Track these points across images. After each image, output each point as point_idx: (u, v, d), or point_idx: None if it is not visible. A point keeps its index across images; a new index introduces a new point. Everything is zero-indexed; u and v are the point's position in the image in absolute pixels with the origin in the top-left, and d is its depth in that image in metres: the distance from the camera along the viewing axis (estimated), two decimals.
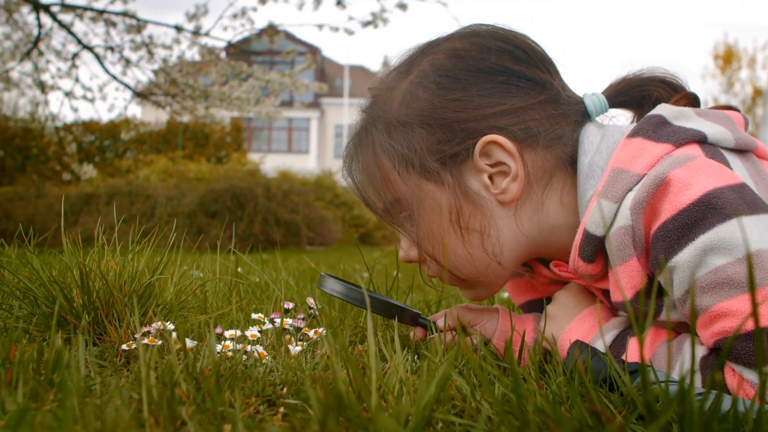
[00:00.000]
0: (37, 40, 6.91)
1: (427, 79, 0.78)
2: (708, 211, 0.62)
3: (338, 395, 0.47)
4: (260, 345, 0.81)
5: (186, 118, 7.95)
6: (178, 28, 6.69)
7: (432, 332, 0.89)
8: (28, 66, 7.68)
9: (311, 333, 0.88)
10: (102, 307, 0.90)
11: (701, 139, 0.71)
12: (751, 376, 0.61)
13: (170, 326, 0.82)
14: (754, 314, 0.41)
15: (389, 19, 6.44)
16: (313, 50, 24.77)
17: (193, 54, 7.16)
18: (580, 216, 0.76)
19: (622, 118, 0.85)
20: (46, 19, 6.90)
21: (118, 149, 15.00)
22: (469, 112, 0.76)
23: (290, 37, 20.66)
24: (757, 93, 20.56)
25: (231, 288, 1.29)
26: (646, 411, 0.46)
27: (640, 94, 0.83)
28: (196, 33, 6.74)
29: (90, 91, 7.89)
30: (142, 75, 14.27)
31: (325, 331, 0.86)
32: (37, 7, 6.40)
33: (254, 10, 6.66)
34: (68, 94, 7.76)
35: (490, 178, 0.77)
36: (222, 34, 14.65)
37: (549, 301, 0.92)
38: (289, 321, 0.92)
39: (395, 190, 0.80)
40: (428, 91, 0.77)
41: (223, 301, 1.19)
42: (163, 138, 15.09)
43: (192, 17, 6.71)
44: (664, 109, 0.75)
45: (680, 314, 0.70)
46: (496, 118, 0.76)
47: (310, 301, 1.09)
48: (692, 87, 0.83)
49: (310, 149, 27.08)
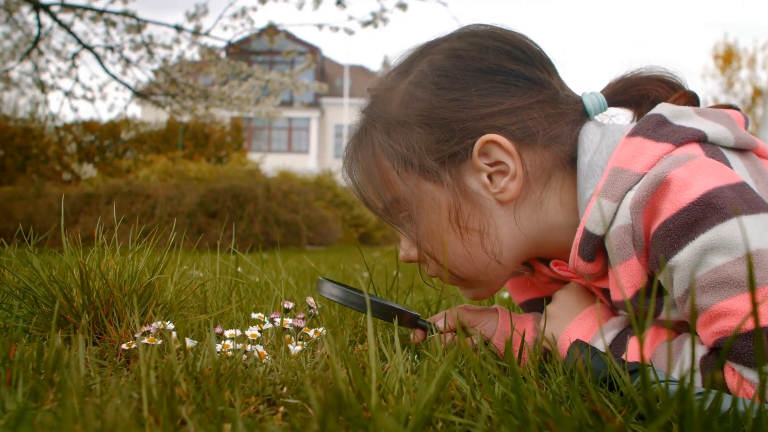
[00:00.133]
0: (37, 39, 6.91)
1: (426, 79, 0.78)
2: (708, 211, 0.62)
3: (338, 395, 0.47)
4: (260, 344, 0.81)
5: (186, 118, 7.95)
6: (178, 28, 6.69)
7: (432, 333, 0.89)
8: (28, 66, 7.69)
9: (311, 333, 0.88)
10: (102, 306, 0.90)
11: (701, 139, 0.71)
12: (751, 376, 0.61)
13: (170, 326, 0.82)
14: (754, 313, 0.41)
15: (389, 19, 6.44)
16: (313, 50, 24.78)
17: (193, 54, 7.17)
18: (579, 215, 0.76)
19: (622, 118, 0.84)
20: (46, 19, 6.91)
21: (118, 149, 14.99)
22: (468, 112, 0.76)
23: (290, 37, 20.68)
24: (757, 93, 20.55)
25: (231, 288, 1.29)
26: (646, 410, 0.46)
27: (639, 93, 0.83)
28: (196, 33, 6.74)
29: (90, 91, 7.90)
30: (142, 75, 14.29)
31: (325, 331, 0.86)
32: (37, 7, 6.40)
33: (254, 9, 6.66)
34: (68, 94, 7.77)
35: (489, 177, 0.77)
36: (222, 33, 14.69)
37: (549, 300, 0.92)
38: (289, 320, 0.92)
39: (395, 190, 0.80)
40: (427, 91, 0.77)
41: (223, 301, 1.19)
42: (163, 138, 15.08)
43: (192, 17, 6.71)
44: (664, 109, 0.75)
45: (680, 313, 0.70)
46: (494, 117, 0.76)
47: (310, 301, 1.09)
48: (692, 87, 0.83)
49: (310, 149, 27.08)
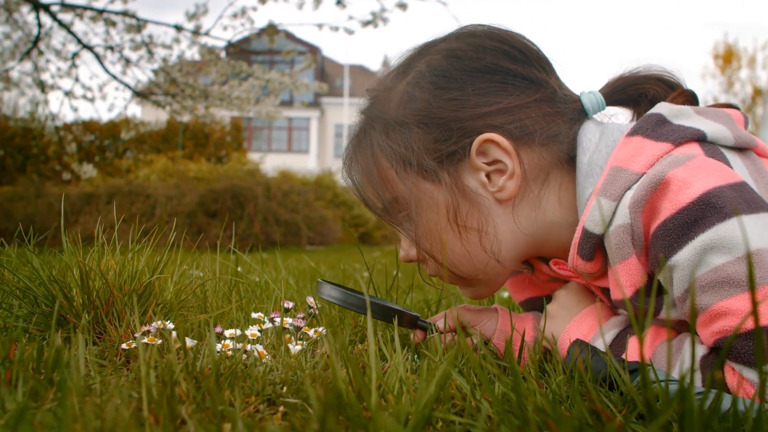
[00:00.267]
0: (37, 39, 6.91)
1: (424, 80, 0.78)
2: (708, 210, 0.62)
3: (338, 394, 0.47)
4: (260, 344, 0.81)
5: (186, 118, 7.96)
6: (178, 28, 6.69)
7: (432, 333, 0.89)
8: (28, 65, 7.70)
9: (311, 332, 0.88)
10: (102, 306, 0.90)
11: (701, 138, 0.71)
12: (751, 375, 0.60)
13: (170, 325, 0.82)
14: (754, 313, 0.41)
15: (389, 19, 6.45)
16: (313, 50, 24.77)
17: (193, 53, 7.17)
18: (578, 214, 0.76)
19: (621, 117, 0.84)
20: (46, 19, 6.91)
21: (118, 149, 14.98)
22: (466, 111, 0.76)
23: (290, 37, 20.66)
24: (757, 92, 20.55)
25: (231, 287, 1.29)
26: (646, 410, 0.46)
27: (637, 92, 0.83)
28: (196, 32, 6.74)
29: (90, 91, 7.90)
30: (142, 74, 14.28)
31: (325, 331, 0.86)
32: (37, 7, 6.40)
33: (254, 9, 6.66)
34: (68, 94, 7.77)
35: (488, 176, 0.77)
36: (222, 33, 14.67)
37: (549, 299, 0.92)
38: (288, 320, 0.92)
39: (394, 190, 0.80)
40: (425, 91, 0.78)
41: (223, 301, 1.19)
42: (163, 137, 15.08)
43: (192, 17, 6.71)
44: (663, 108, 0.74)
45: (680, 313, 0.70)
46: (492, 116, 0.76)
47: (310, 301, 1.09)
48: (692, 87, 0.83)
49: (310, 149, 27.08)
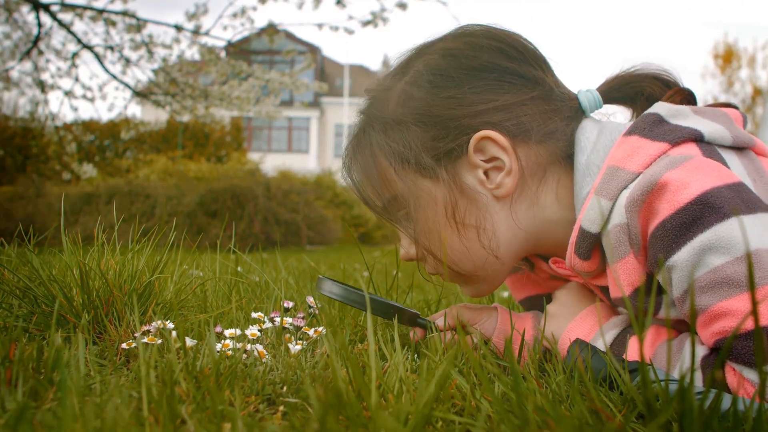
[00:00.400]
0: (37, 39, 6.91)
1: (422, 79, 0.79)
2: (706, 210, 0.62)
3: (338, 394, 0.47)
4: (260, 344, 0.81)
5: (186, 118, 7.95)
6: (178, 28, 6.68)
7: (432, 332, 0.89)
8: (28, 65, 7.70)
9: (311, 332, 0.88)
10: (102, 306, 0.90)
11: (698, 138, 0.71)
12: (752, 376, 0.60)
13: (170, 325, 0.82)
14: (754, 313, 0.41)
15: (389, 19, 6.44)
16: (313, 50, 24.76)
17: (193, 53, 7.16)
18: (576, 213, 0.76)
19: (620, 115, 0.85)
20: (46, 19, 6.91)
21: (117, 149, 14.98)
22: (463, 109, 0.77)
23: (290, 37, 20.64)
24: (757, 92, 20.55)
25: (231, 287, 1.29)
26: (646, 409, 0.46)
27: (633, 90, 0.84)
28: (196, 32, 6.74)
29: (90, 91, 7.89)
30: (141, 74, 14.22)
31: (324, 330, 0.86)
32: (37, 7, 6.40)
33: (254, 9, 6.66)
34: (68, 94, 7.76)
35: (485, 173, 0.78)
36: (222, 33, 14.63)
37: (549, 297, 0.92)
38: (288, 320, 0.92)
39: (393, 188, 0.81)
40: (422, 90, 0.78)
41: (222, 300, 1.19)
42: (163, 137, 15.07)
43: (192, 16, 6.70)
44: (661, 108, 0.75)
45: (680, 313, 0.70)
46: (489, 114, 0.76)
47: (310, 300, 1.09)
48: (692, 86, 0.83)
49: (310, 149, 27.07)
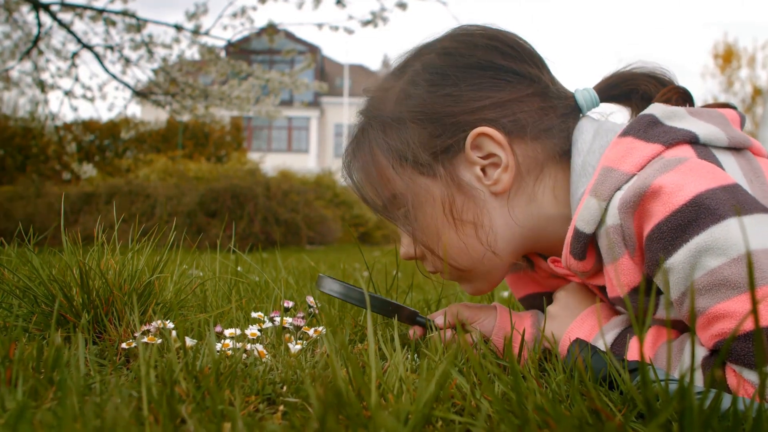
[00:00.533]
0: (37, 39, 6.91)
1: (419, 77, 0.80)
2: (701, 212, 0.62)
3: (338, 393, 0.47)
4: (260, 343, 0.81)
5: (186, 118, 7.95)
6: (178, 27, 6.68)
7: (431, 331, 0.89)
8: (28, 65, 7.69)
9: (311, 332, 0.88)
10: (102, 305, 0.90)
11: (692, 140, 0.71)
12: (751, 377, 0.60)
13: (170, 325, 0.82)
14: (754, 313, 0.41)
15: (389, 18, 6.45)
16: (313, 49, 24.75)
17: (193, 53, 7.17)
18: (572, 213, 0.76)
19: (618, 115, 0.85)
20: (46, 18, 6.90)
21: (117, 148, 14.96)
22: (460, 106, 0.78)
23: (290, 36, 20.64)
24: (757, 92, 20.54)
25: (231, 287, 1.29)
26: (646, 409, 0.46)
27: (628, 88, 0.84)
28: (196, 32, 6.74)
29: (90, 90, 7.90)
30: (141, 74, 14.23)
31: (324, 330, 0.86)
32: (37, 6, 6.40)
33: (254, 9, 6.66)
34: (68, 93, 7.77)
35: (483, 170, 0.79)
36: (222, 33, 14.60)
37: (549, 295, 0.92)
38: (288, 320, 0.92)
39: (392, 187, 0.82)
40: (420, 88, 0.80)
41: (222, 300, 1.19)
42: (163, 137, 15.06)
43: (192, 16, 6.70)
44: (656, 109, 0.75)
45: (678, 314, 0.70)
46: (485, 110, 0.77)
47: (310, 300, 1.10)
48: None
49: (309, 148, 27.06)
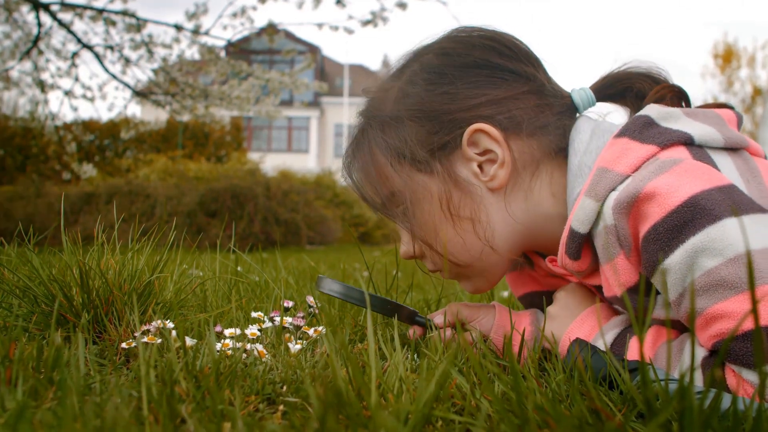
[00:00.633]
0: (37, 39, 6.90)
1: (417, 77, 0.82)
2: (697, 213, 0.62)
3: (338, 393, 0.47)
4: (260, 343, 0.81)
5: (186, 117, 7.95)
6: (178, 27, 6.68)
7: (431, 330, 0.90)
8: (28, 65, 7.69)
9: (311, 331, 0.88)
10: (102, 305, 0.90)
11: (687, 141, 0.72)
12: (751, 377, 0.60)
13: (170, 324, 0.82)
14: (754, 312, 0.41)
15: (389, 18, 6.45)
16: (313, 49, 24.75)
17: (193, 53, 7.16)
18: (568, 212, 0.76)
19: (616, 114, 0.86)
20: (46, 18, 6.90)
21: (117, 148, 14.95)
22: (456, 104, 0.79)
23: (290, 36, 20.64)
24: (757, 92, 20.53)
25: (231, 287, 1.29)
26: (646, 409, 0.46)
27: (623, 87, 0.85)
28: (196, 32, 6.74)
29: (90, 90, 7.89)
30: (141, 74, 14.21)
31: (324, 330, 0.86)
32: (37, 6, 6.40)
33: (254, 9, 6.66)
34: (68, 93, 7.76)
35: (480, 167, 0.79)
36: (222, 33, 14.56)
37: (549, 294, 0.92)
38: (288, 319, 0.92)
39: (390, 184, 0.83)
40: (418, 87, 0.81)
41: (222, 300, 1.19)
42: (163, 137, 15.05)
43: (192, 16, 6.70)
44: (652, 110, 0.75)
45: (676, 315, 0.70)
46: (481, 107, 0.79)
47: (310, 300, 1.10)
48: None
49: (309, 148, 27.06)
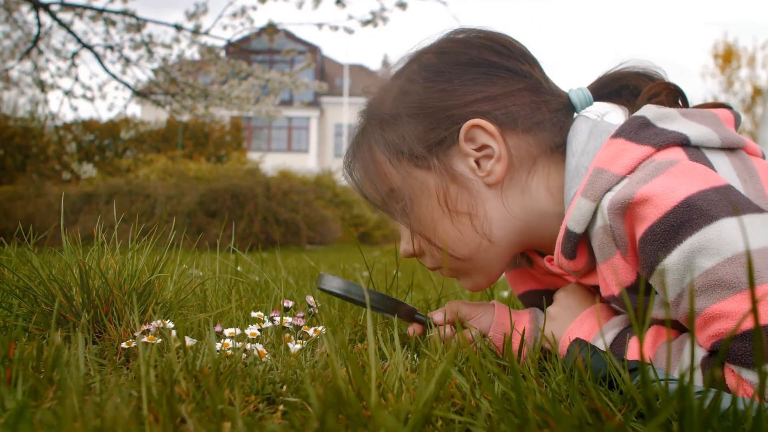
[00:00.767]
0: (37, 38, 6.90)
1: (416, 76, 0.83)
2: (693, 214, 0.62)
3: (338, 393, 0.47)
4: (260, 343, 0.81)
5: (186, 117, 7.95)
6: (178, 27, 6.68)
7: (430, 328, 0.90)
8: (28, 65, 7.69)
9: (311, 331, 0.88)
10: (101, 305, 0.90)
11: (684, 142, 0.72)
12: (750, 377, 0.60)
13: (170, 324, 0.82)
14: (754, 312, 0.41)
15: (389, 18, 6.45)
16: (313, 49, 24.76)
17: (193, 53, 7.16)
18: (565, 212, 0.77)
19: (614, 114, 0.86)
20: (46, 18, 6.90)
21: (117, 148, 14.96)
22: (453, 100, 0.80)
23: (290, 36, 20.65)
24: (757, 92, 20.53)
25: (231, 286, 1.29)
26: (646, 408, 0.46)
27: (619, 86, 0.86)
28: (196, 32, 6.73)
29: (90, 90, 7.89)
30: (141, 74, 14.21)
31: (324, 330, 0.87)
32: (37, 6, 6.40)
33: (254, 8, 6.66)
34: (68, 93, 7.76)
35: (477, 162, 0.80)
36: (222, 32, 14.54)
37: (548, 293, 0.93)
38: (288, 319, 0.92)
39: (389, 181, 0.84)
40: (416, 85, 0.82)
41: (222, 300, 1.19)
42: (163, 137, 15.06)
43: (192, 16, 6.70)
44: (648, 111, 0.75)
45: (674, 315, 0.70)
46: (478, 104, 0.80)
47: (310, 300, 1.10)
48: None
49: (309, 148, 27.06)
